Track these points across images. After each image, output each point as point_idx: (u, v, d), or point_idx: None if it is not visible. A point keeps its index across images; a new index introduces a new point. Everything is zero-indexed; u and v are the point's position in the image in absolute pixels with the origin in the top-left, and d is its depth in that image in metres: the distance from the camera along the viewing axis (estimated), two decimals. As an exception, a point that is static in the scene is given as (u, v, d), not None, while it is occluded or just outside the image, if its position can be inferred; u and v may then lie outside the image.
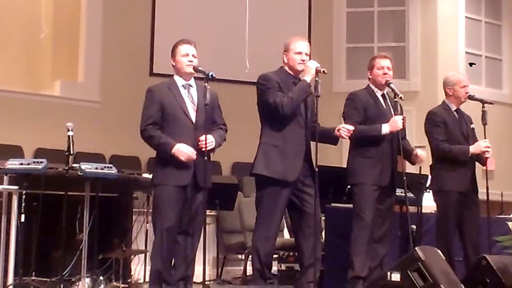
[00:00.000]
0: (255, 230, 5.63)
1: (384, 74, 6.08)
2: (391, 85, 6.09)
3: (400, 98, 6.03)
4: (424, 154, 6.08)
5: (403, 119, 5.96)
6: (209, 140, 5.33)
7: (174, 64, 5.57)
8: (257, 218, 5.61)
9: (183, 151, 5.26)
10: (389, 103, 6.13)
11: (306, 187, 5.59)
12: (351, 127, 5.64)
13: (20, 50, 11.31)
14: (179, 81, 5.53)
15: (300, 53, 5.68)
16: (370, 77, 6.15)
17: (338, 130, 5.62)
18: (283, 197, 5.52)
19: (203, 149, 5.32)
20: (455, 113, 6.48)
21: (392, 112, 6.05)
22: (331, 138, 5.73)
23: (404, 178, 5.92)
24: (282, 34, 12.20)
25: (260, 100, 5.67)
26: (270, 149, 5.55)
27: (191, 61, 5.49)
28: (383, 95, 6.14)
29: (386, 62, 6.13)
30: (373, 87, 6.13)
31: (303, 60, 5.65)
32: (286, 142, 5.54)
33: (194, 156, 5.28)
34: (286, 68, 5.74)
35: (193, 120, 5.43)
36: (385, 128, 5.90)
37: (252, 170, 5.64)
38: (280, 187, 5.50)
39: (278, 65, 5.86)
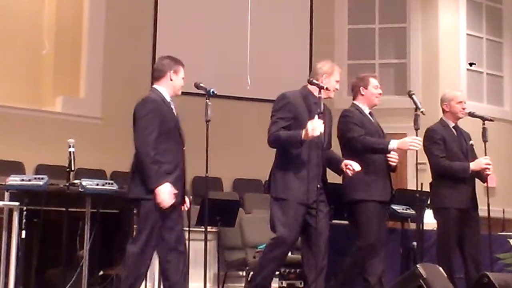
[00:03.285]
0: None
1: (379, 94, 6.08)
2: (413, 96, 6.11)
3: (422, 112, 6.02)
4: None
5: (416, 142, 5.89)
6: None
7: (173, 79, 5.47)
8: None
9: (167, 194, 5.09)
10: (375, 121, 6.10)
11: (319, 203, 5.46)
12: (358, 168, 5.54)
13: (22, 66, 11.33)
14: (167, 97, 5.45)
15: (338, 81, 5.68)
16: (363, 94, 6.08)
17: (345, 165, 5.54)
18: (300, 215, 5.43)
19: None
20: (453, 129, 6.48)
21: (380, 129, 6.04)
22: (337, 168, 5.64)
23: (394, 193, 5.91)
24: (283, 51, 12.39)
25: None
26: (286, 173, 5.43)
27: (182, 86, 5.47)
28: (370, 113, 6.12)
29: (377, 81, 6.13)
30: (361, 106, 6.08)
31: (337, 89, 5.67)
32: (302, 165, 5.42)
33: (171, 203, 5.16)
34: (311, 88, 5.60)
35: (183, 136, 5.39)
36: (393, 144, 5.84)
37: (270, 193, 5.52)
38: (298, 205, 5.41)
39: (279, 82, 5.88)
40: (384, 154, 5.90)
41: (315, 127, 5.19)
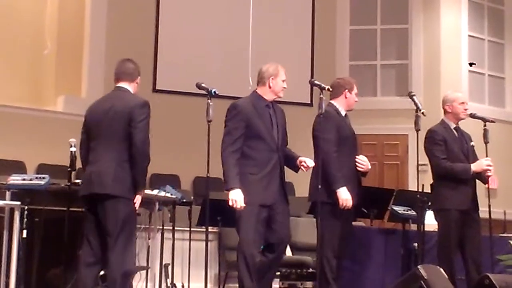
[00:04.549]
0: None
1: (356, 101, 6.18)
2: (414, 97, 6.21)
3: (422, 113, 6.11)
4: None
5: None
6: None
7: (137, 84, 5.72)
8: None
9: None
10: (348, 123, 6.16)
11: (280, 203, 5.65)
12: (312, 164, 5.65)
13: (23, 66, 11.35)
14: None
15: (284, 81, 5.77)
16: (347, 97, 6.12)
17: (300, 162, 5.67)
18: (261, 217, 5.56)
19: None
20: (454, 131, 6.48)
21: (353, 132, 6.11)
22: (293, 165, 5.78)
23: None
24: (285, 52, 12.38)
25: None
26: (245, 177, 5.54)
27: None
28: (345, 115, 6.17)
29: None
30: (339, 107, 6.11)
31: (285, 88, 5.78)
32: (261, 168, 5.56)
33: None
34: (261, 90, 5.74)
35: None
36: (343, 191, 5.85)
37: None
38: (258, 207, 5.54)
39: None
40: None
41: (235, 200, 5.42)
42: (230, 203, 5.43)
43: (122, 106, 5.33)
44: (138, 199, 5.28)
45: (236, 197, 5.42)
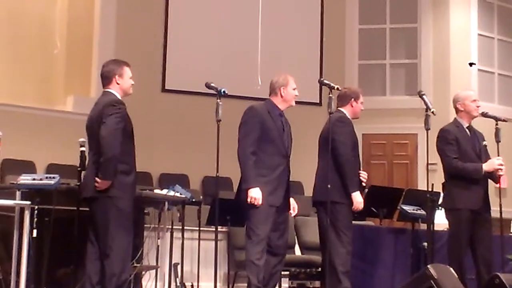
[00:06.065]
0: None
1: (361, 110, 6.40)
2: (424, 97, 6.31)
3: (432, 112, 6.18)
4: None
5: None
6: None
7: (119, 83, 5.61)
8: None
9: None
10: None
11: (282, 207, 5.84)
12: (295, 212, 5.93)
13: (33, 66, 11.36)
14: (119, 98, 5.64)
15: (295, 89, 5.95)
16: (353, 106, 6.30)
17: (290, 207, 5.91)
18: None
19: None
20: (467, 130, 6.46)
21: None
22: None
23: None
24: (294, 51, 12.38)
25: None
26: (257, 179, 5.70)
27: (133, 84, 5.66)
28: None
29: None
30: (349, 116, 6.28)
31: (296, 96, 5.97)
32: (271, 172, 5.72)
33: None
34: (274, 100, 5.93)
35: None
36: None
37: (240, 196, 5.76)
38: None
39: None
40: None
41: (255, 198, 5.60)
42: (249, 200, 5.57)
43: (96, 110, 5.55)
44: (99, 183, 5.32)
45: (256, 195, 5.58)
